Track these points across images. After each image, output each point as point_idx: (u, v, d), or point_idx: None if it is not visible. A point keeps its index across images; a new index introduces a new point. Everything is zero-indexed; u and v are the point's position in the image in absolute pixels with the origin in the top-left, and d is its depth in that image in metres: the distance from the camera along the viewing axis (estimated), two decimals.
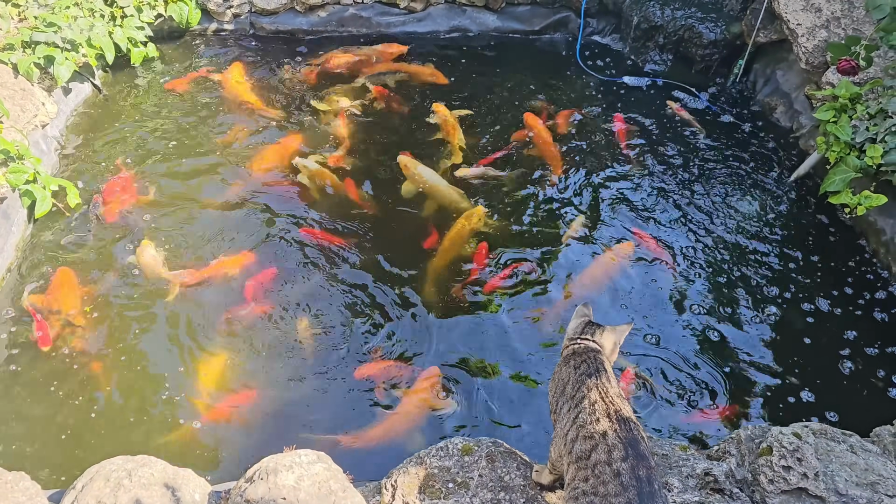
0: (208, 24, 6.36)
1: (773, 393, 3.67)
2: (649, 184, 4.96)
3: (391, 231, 4.54)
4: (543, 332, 3.94)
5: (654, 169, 5.09)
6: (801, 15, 5.09)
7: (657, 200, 4.83)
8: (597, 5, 6.54)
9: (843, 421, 3.52)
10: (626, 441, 2.09)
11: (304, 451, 2.66)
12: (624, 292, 4.16)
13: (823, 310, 4.09)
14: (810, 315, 4.06)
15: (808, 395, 3.66)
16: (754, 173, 5.07)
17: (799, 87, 5.42)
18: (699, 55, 5.98)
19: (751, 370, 3.77)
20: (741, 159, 5.20)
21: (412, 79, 5.91)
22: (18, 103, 4.64)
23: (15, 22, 5.16)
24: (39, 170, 4.35)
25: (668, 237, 4.54)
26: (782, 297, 4.16)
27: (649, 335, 3.91)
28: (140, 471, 2.60)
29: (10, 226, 4.19)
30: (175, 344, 3.76)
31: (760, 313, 4.06)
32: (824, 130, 4.57)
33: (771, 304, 4.11)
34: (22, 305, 3.86)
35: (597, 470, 2.07)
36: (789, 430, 2.85)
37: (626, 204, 4.79)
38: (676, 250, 4.44)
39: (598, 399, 2.22)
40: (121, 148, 4.99)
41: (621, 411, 2.18)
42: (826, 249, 4.48)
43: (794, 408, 3.61)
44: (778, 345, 3.90)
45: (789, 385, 3.71)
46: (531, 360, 3.78)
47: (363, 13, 6.48)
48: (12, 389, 3.51)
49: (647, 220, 4.66)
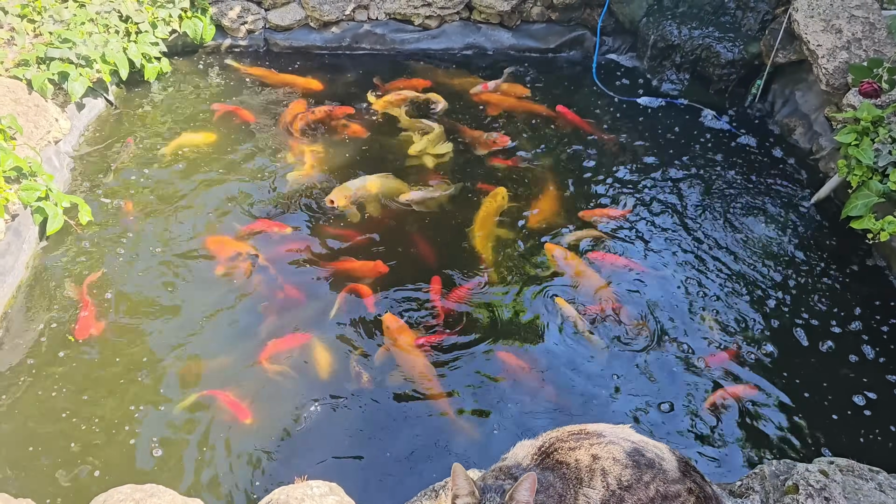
0: (222, 39, 6.36)
1: (789, 424, 3.58)
2: (660, 206, 4.88)
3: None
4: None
5: (665, 190, 5.02)
6: (821, 36, 5.02)
7: (665, 221, 4.75)
8: (613, 23, 6.50)
9: (865, 456, 3.43)
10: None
11: (317, 483, 2.60)
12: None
13: (841, 338, 4.00)
14: (829, 341, 3.97)
15: (825, 427, 3.57)
16: (772, 196, 5.00)
17: (818, 109, 5.35)
18: (716, 75, 5.92)
19: (763, 397, 3.68)
20: (758, 181, 5.12)
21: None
22: (32, 119, 4.62)
23: (30, 38, 5.16)
24: (52, 186, 4.32)
25: (676, 261, 4.47)
26: (800, 323, 4.06)
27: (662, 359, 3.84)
28: (148, 501, 2.54)
29: (22, 243, 4.16)
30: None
31: (775, 339, 3.97)
32: (845, 153, 4.50)
33: (787, 329, 4.02)
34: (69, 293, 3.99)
35: None
36: (815, 466, 2.76)
37: (636, 221, 4.73)
38: (687, 274, 4.36)
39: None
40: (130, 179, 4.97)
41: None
42: (847, 275, 4.39)
43: (811, 440, 3.51)
44: (793, 372, 3.81)
45: (805, 415, 3.61)
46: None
47: (377, 30, 6.46)
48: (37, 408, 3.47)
49: (656, 240, 4.59)
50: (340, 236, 4.53)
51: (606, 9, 6.35)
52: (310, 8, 6.26)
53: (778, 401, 3.68)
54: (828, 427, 3.57)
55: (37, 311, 3.95)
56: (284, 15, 6.34)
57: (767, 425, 3.57)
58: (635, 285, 4.28)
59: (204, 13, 6.11)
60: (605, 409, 3.60)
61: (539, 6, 6.47)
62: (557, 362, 3.81)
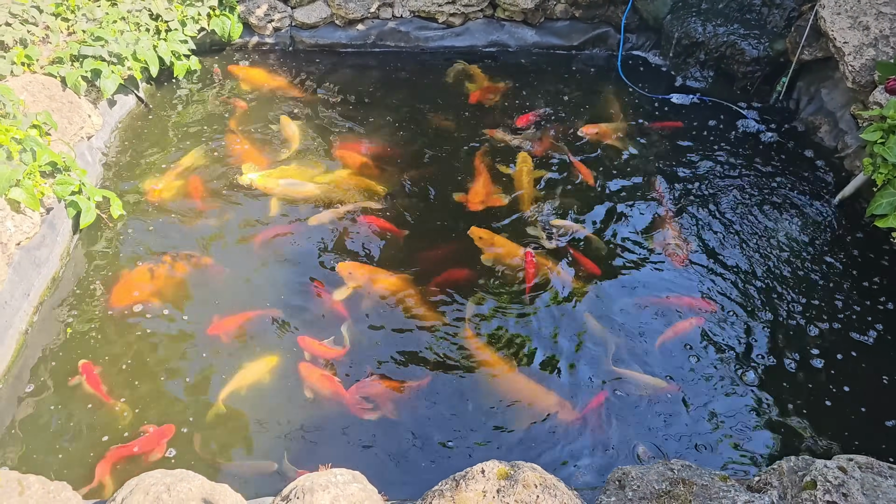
0: (249, 37, 6.46)
1: (811, 421, 3.58)
2: (684, 204, 4.89)
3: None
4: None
5: (688, 188, 5.03)
6: (847, 33, 4.99)
7: (691, 218, 4.76)
8: (637, 21, 6.50)
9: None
10: None
11: (340, 471, 2.66)
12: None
13: (869, 338, 3.98)
14: (855, 343, 3.95)
15: (849, 424, 3.57)
16: (796, 194, 4.98)
17: (844, 106, 5.31)
18: (741, 72, 5.89)
19: (785, 396, 3.69)
20: (783, 179, 5.11)
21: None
22: (66, 115, 4.75)
23: (64, 36, 5.29)
24: (85, 181, 4.44)
25: (692, 257, 4.49)
26: (824, 323, 4.05)
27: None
28: (178, 485, 2.63)
29: (56, 236, 4.28)
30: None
31: (799, 339, 3.97)
32: (871, 151, 4.47)
33: (811, 329, 4.01)
34: None
35: None
36: (834, 462, 2.77)
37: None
38: (712, 273, 4.37)
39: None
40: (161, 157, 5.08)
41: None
42: (872, 274, 4.37)
43: (834, 436, 3.52)
44: (818, 372, 3.81)
45: (829, 413, 3.61)
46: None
47: (402, 28, 6.52)
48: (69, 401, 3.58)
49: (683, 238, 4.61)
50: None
51: (631, 6, 6.34)
52: (335, 6, 6.34)
53: (797, 398, 3.68)
54: (846, 424, 3.57)
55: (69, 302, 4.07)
56: (310, 13, 6.42)
57: (787, 420, 3.57)
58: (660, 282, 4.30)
59: (232, 11, 6.21)
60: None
61: (563, 3, 6.48)
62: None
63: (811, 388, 3.73)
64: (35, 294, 4.02)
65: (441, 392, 3.68)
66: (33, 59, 4.87)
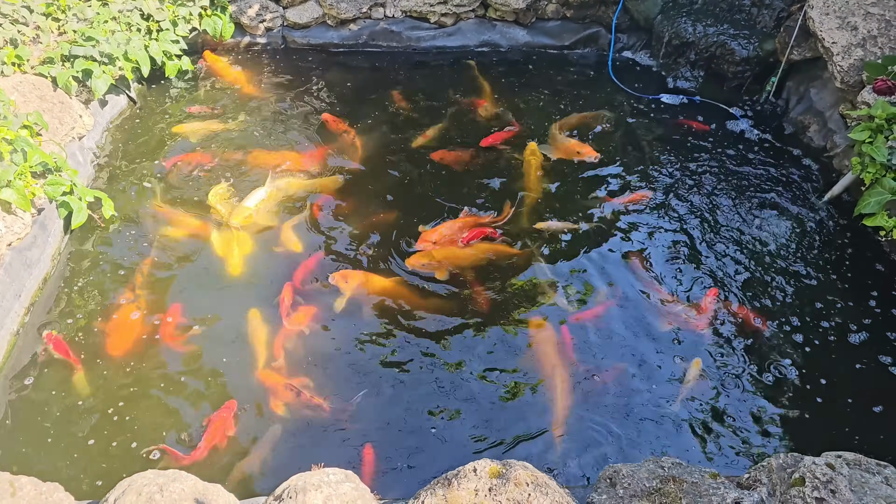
0: (241, 37, 6.46)
1: (798, 420, 3.61)
2: (673, 203, 4.92)
3: None
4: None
5: (679, 187, 5.06)
6: (836, 33, 5.03)
7: (681, 218, 4.79)
8: (627, 21, 6.53)
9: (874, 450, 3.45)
10: None
11: (333, 470, 2.68)
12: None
13: (857, 335, 4.02)
14: (844, 340, 3.99)
15: (838, 421, 3.60)
16: (785, 193, 5.01)
17: (833, 106, 5.36)
18: (731, 72, 5.93)
19: (775, 392, 3.72)
20: (772, 178, 5.15)
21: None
22: (57, 116, 4.74)
23: (54, 36, 5.27)
24: (76, 181, 4.43)
25: (684, 254, 4.53)
26: (812, 320, 4.09)
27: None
28: (171, 486, 2.63)
29: (47, 236, 4.27)
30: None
31: (787, 337, 4.00)
32: (859, 151, 4.51)
33: (799, 326, 4.05)
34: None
35: None
36: (822, 459, 2.80)
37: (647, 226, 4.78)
38: (699, 270, 4.41)
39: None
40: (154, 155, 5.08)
41: None
42: (860, 272, 4.41)
43: (824, 435, 3.55)
44: (806, 368, 3.84)
45: (817, 410, 3.65)
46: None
47: (394, 28, 6.53)
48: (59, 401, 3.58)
49: (670, 240, 4.63)
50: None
51: (621, 6, 6.38)
52: (327, 6, 6.34)
53: (787, 394, 3.71)
54: (838, 421, 3.61)
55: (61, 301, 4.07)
56: (302, 13, 6.42)
57: (776, 418, 3.61)
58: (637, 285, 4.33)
59: (223, 11, 6.21)
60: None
61: (554, 3, 6.51)
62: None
63: (799, 384, 3.76)
64: (26, 295, 4.01)
65: (433, 387, 3.70)
66: (24, 59, 4.86)
